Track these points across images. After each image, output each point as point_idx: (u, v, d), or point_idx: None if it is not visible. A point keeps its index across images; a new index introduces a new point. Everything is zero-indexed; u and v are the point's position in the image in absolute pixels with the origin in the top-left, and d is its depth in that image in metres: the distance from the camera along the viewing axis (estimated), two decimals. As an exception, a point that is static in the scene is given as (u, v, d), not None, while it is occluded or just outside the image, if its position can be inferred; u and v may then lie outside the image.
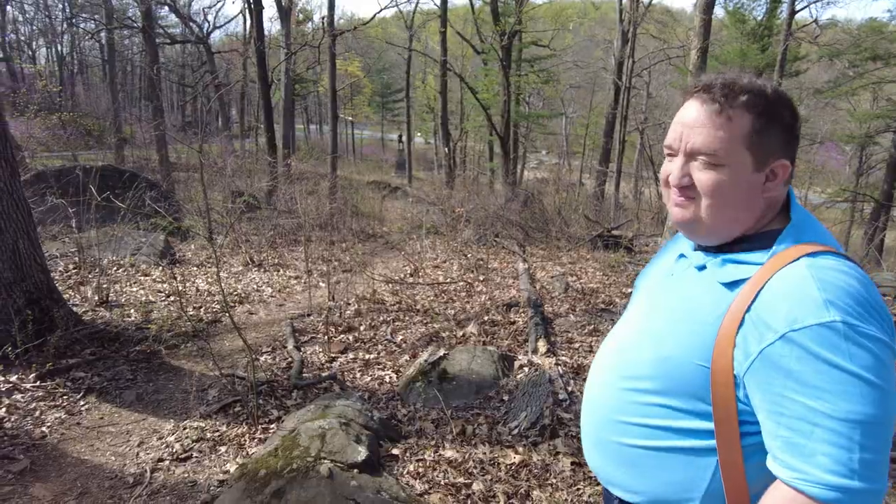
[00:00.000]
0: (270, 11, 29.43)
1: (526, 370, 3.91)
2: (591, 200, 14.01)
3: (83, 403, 3.42)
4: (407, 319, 5.09)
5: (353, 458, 2.55)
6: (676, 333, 0.98)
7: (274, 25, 26.71)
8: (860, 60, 14.94)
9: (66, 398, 3.43)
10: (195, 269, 6.72)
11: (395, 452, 2.86)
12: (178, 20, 24.52)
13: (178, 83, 33.25)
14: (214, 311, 5.20)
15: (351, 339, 4.63)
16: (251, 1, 14.62)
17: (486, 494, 2.54)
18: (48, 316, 3.93)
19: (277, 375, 3.87)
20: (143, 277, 6.02)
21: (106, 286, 5.13)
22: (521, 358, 4.14)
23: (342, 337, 4.68)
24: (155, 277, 6.05)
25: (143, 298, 5.28)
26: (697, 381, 0.94)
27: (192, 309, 5.15)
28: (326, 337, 4.62)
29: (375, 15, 15.54)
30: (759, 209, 0.98)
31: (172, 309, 4.95)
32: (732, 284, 0.94)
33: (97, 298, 4.96)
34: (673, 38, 19.89)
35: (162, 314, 4.77)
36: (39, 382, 3.51)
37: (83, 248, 5.99)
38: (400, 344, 4.53)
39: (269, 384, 3.66)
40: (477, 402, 3.52)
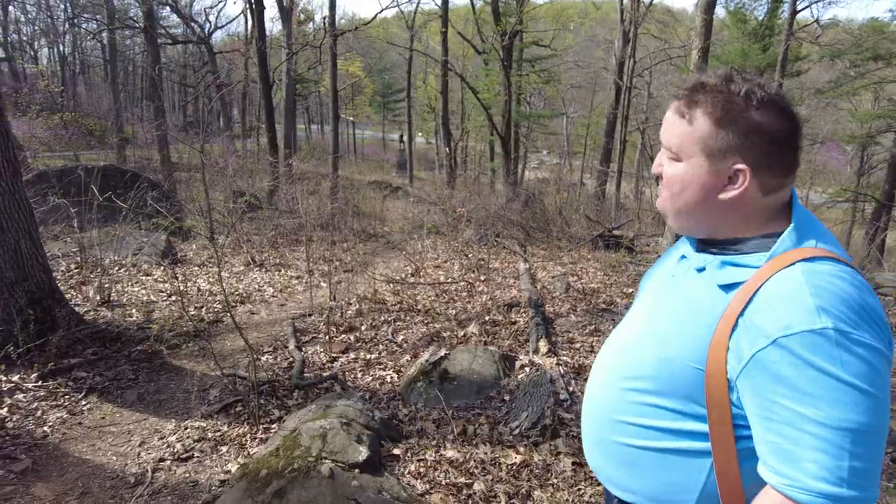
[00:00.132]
0: (272, 12, 29.63)
1: (527, 370, 3.91)
2: (592, 200, 14.00)
3: (85, 403, 3.43)
4: (408, 319, 5.10)
5: (354, 458, 2.56)
6: (674, 335, 0.98)
7: (275, 26, 26.83)
8: (861, 60, 14.92)
9: (67, 398, 3.44)
10: (197, 268, 6.73)
11: (396, 452, 2.86)
12: (179, 20, 24.57)
13: (179, 83, 33.30)
14: (216, 310, 5.20)
15: (352, 339, 4.64)
16: (252, 1, 14.64)
17: (487, 494, 2.54)
18: (50, 316, 3.93)
19: (279, 375, 3.88)
20: (144, 277, 6.03)
21: (108, 286, 5.14)
22: (522, 358, 4.15)
23: (343, 337, 4.68)
24: (156, 277, 6.06)
25: (144, 298, 5.28)
26: (693, 383, 0.93)
27: (193, 309, 5.15)
28: (328, 337, 4.62)
29: (377, 15, 15.49)
30: (721, 212, 0.98)
31: (174, 309, 4.96)
32: (729, 287, 0.94)
33: (99, 298, 4.97)
34: (674, 38, 19.88)
35: (163, 314, 4.78)
36: (41, 382, 3.51)
37: (85, 247, 6.00)
38: (401, 344, 4.53)
39: (270, 384, 3.67)
40: (478, 402, 3.52)
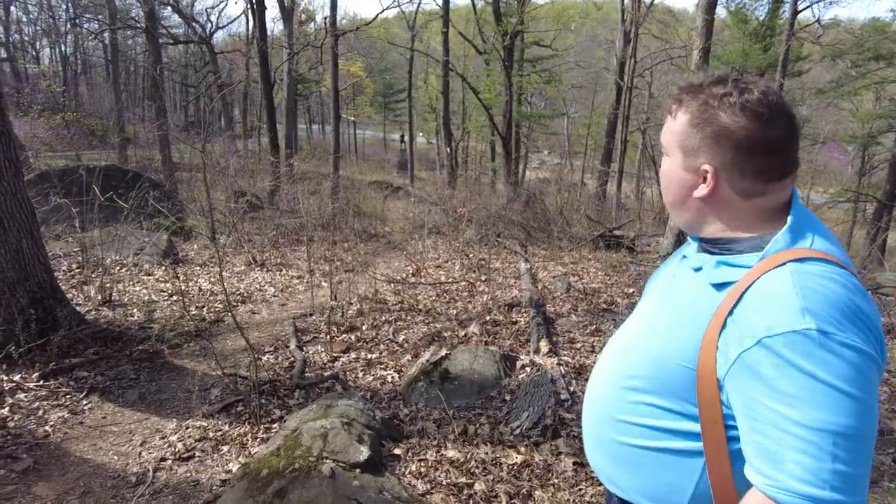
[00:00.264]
0: (273, 12, 29.65)
1: (528, 370, 3.91)
2: (592, 200, 13.99)
3: (86, 403, 3.43)
4: (409, 319, 5.10)
5: (355, 457, 2.56)
6: (668, 334, 0.99)
7: (276, 26, 26.85)
8: (863, 60, 14.91)
9: (69, 397, 3.45)
10: (198, 268, 6.74)
11: (397, 452, 2.87)
12: (181, 20, 24.58)
13: (181, 83, 33.33)
14: (217, 310, 5.21)
15: (353, 338, 4.64)
16: (254, 1, 14.64)
17: (488, 494, 2.54)
18: (51, 315, 3.94)
19: (280, 375, 3.88)
20: (146, 277, 6.03)
21: (109, 286, 5.14)
22: (522, 358, 4.15)
23: (344, 337, 4.68)
24: (158, 277, 6.06)
25: (146, 298, 5.29)
26: (685, 382, 0.94)
27: (194, 308, 5.15)
28: (329, 337, 4.62)
29: (378, 15, 15.47)
30: (699, 209, 1.00)
31: (175, 308, 4.96)
32: (721, 286, 0.94)
33: (100, 298, 4.98)
34: (675, 38, 19.87)
35: (165, 314, 4.79)
36: (42, 382, 3.52)
37: (86, 247, 6.01)
38: (402, 344, 4.54)
39: (271, 384, 3.67)
40: (479, 402, 3.52)
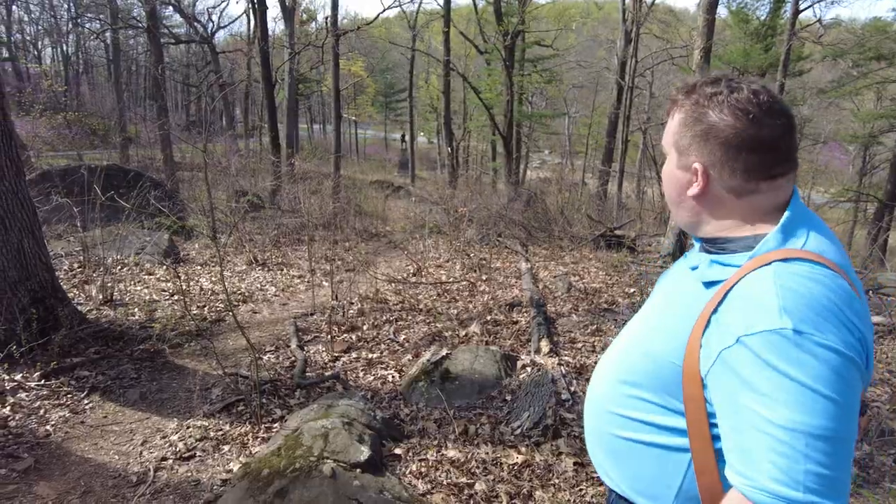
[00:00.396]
0: (274, 11, 29.70)
1: (528, 370, 3.91)
2: (593, 200, 13.98)
3: (87, 402, 3.44)
4: (410, 319, 5.10)
5: (355, 457, 2.56)
6: (661, 331, 1.00)
7: (278, 25, 26.83)
8: (864, 60, 14.89)
9: (70, 397, 3.45)
10: (199, 268, 6.75)
11: (397, 452, 2.87)
12: (182, 20, 24.62)
13: (182, 83, 33.36)
14: (218, 310, 5.21)
15: (354, 338, 4.64)
16: (255, 1, 14.65)
17: (488, 494, 2.55)
18: (53, 315, 3.94)
19: (281, 375, 3.88)
20: (147, 276, 6.04)
21: (110, 285, 5.15)
22: (523, 358, 4.15)
23: (345, 336, 4.69)
24: (159, 276, 6.07)
25: (147, 297, 5.30)
26: (674, 379, 0.95)
27: (195, 308, 5.16)
28: (329, 336, 4.63)
29: (379, 15, 15.46)
30: (693, 208, 1.01)
31: (176, 308, 4.97)
32: (710, 284, 0.95)
33: (101, 297, 4.98)
34: (676, 38, 19.83)
35: (166, 313, 4.79)
36: (44, 381, 3.53)
37: (88, 246, 6.02)
38: (403, 343, 4.54)
39: (272, 383, 3.67)
40: (479, 401, 3.52)
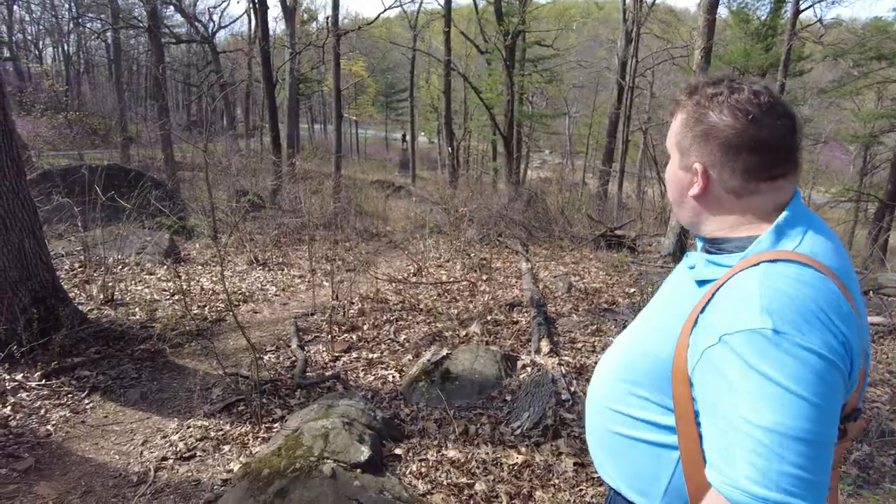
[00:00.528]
0: (275, 11, 29.56)
1: (529, 370, 3.91)
2: (594, 200, 13.99)
3: (88, 402, 3.44)
4: (410, 319, 5.10)
5: (355, 457, 2.56)
6: (658, 330, 1.02)
7: (279, 25, 26.80)
8: (865, 60, 14.87)
9: (70, 397, 3.46)
10: (200, 267, 6.75)
11: (397, 452, 2.87)
12: (183, 20, 24.61)
13: (183, 82, 33.37)
14: (219, 309, 5.22)
15: (354, 338, 4.64)
16: (256, 1, 14.65)
17: (488, 495, 2.55)
18: (53, 314, 3.95)
19: (281, 374, 3.89)
20: (147, 276, 6.04)
21: (111, 285, 5.15)
22: (523, 358, 4.15)
23: (345, 336, 4.69)
24: (160, 276, 6.07)
25: (147, 297, 5.30)
26: (666, 377, 0.96)
27: (196, 308, 5.16)
28: (330, 336, 4.63)
29: (380, 15, 15.47)
30: (694, 208, 1.02)
31: (177, 308, 4.97)
32: (703, 283, 0.96)
33: (102, 297, 4.99)
34: (676, 37, 19.83)
35: (166, 313, 4.79)
36: (44, 381, 3.53)
37: (88, 246, 6.02)
38: (403, 343, 4.54)
39: (272, 383, 3.68)
40: (480, 401, 3.52)
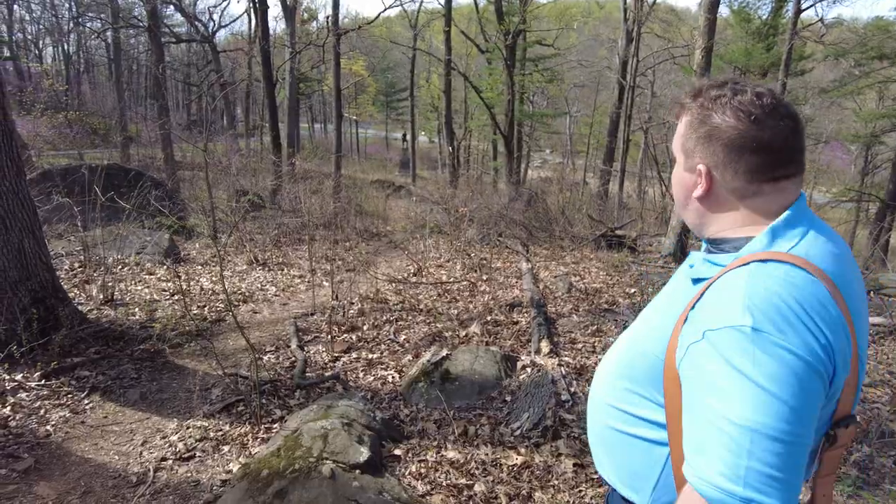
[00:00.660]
0: (275, 10, 29.52)
1: (528, 371, 3.91)
2: (594, 200, 13.98)
3: (87, 402, 3.44)
4: (410, 319, 5.10)
5: (355, 458, 2.56)
6: (654, 327, 1.03)
7: (279, 24, 26.78)
8: (866, 59, 14.85)
9: (70, 397, 3.45)
10: (199, 267, 6.75)
11: (397, 453, 2.87)
12: (183, 19, 24.62)
13: (183, 82, 33.36)
14: (218, 310, 5.21)
15: (354, 338, 4.64)
16: (256, 0, 14.64)
17: (487, 496, 2.54)
18: (53, 314, 3.95)
19: (281, 375, 3.88)
20: (147, 276, 6.04)
21: (111, 285, 5.15)
22: (523, 358, 4.14)
23: (345, 336, 4.69)
24: (159, 276, 6.07)
25: (147, 297, 5.30)
26: (660, 374, 0.97)
27: (196, 308, 5.16)
28: (330, 336, 4.63)
29: (380, 14, 15.46)
30: (698, 209, 1.02)
31: (176, 308, 4.97)
32: (697, 281, 0.97)
33: (102, 297, 4.99)
34: (677, 37, 19.82)
35: (166, 313, 4.79)
36: (44, 381, 3.53)
37: (88, 246, 6.02)
38: (403, 344, 4.54)
39: (272, 384, 3.67)
40: (479, 402, 3.52)
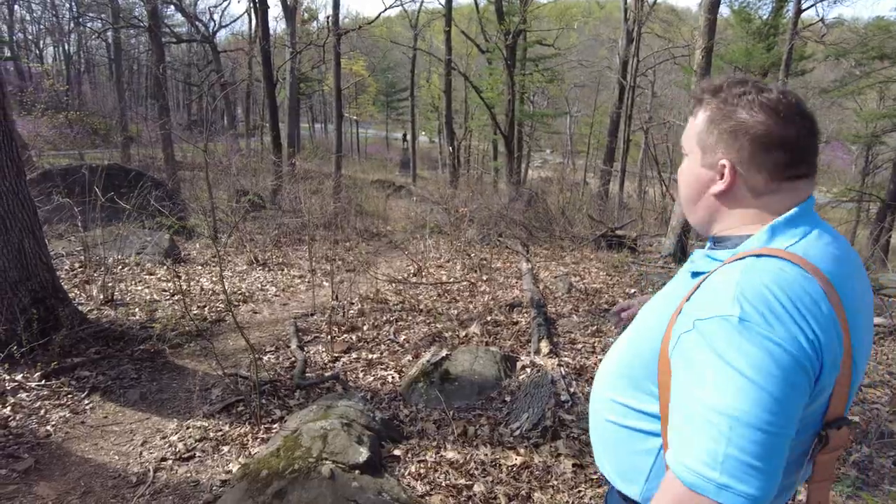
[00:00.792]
0: (276, 10, 29.40)
1: (528, 371, 3.91)
2: (594, 200, 13.96)
3: (87, 402, 3.45)
4: (410, 319, 5.10)
5: (354, 458, 2.56)
6: (653, 320, 1.03)
7: (279, 24, 26.80)
8: (867, 59, 14.83)
9: (70, 397, 3.46)
10: (200, 268, 6.75)
11: (396, 453, 2.87)
12: (184, 19, 24.64)
13: (183, 82, 33.37)
14: (218, 310, 5.22)
15: (354, 338, 4.64)
16: (256, 0, 14.65)
17: (487, 496, 2.55)
18: (53, 315, 3.95)
19: (280, 375, 3.89)
20: (147, 276, 6.05)
21: (111, 285, 5.15)
22: (523, 359, 4.14)
23: (345, 336, 4.69)
24: (159, 276, 6.08)
25: (147, 297, 5.30)
26: (654, 365, 0.98)
27: (196, 308, 5.17)
28: (329, 336, 4.63)
29: (380, 14, 15.47)
30: (713, 206, 1.01)
31: (177, 308, 4.98)
32: (695, 275, 0.98)
33: (102, 297, 4.99)
34: (678, 37, 19.80)
35: (166, 313, 4.80)
36: (44, 381, 3.53)
37: (89, 246, 6.02)
38: (403, 344, 4.54)
39: (272, 384, 3.68)
40: (479, 402, 3.52)
